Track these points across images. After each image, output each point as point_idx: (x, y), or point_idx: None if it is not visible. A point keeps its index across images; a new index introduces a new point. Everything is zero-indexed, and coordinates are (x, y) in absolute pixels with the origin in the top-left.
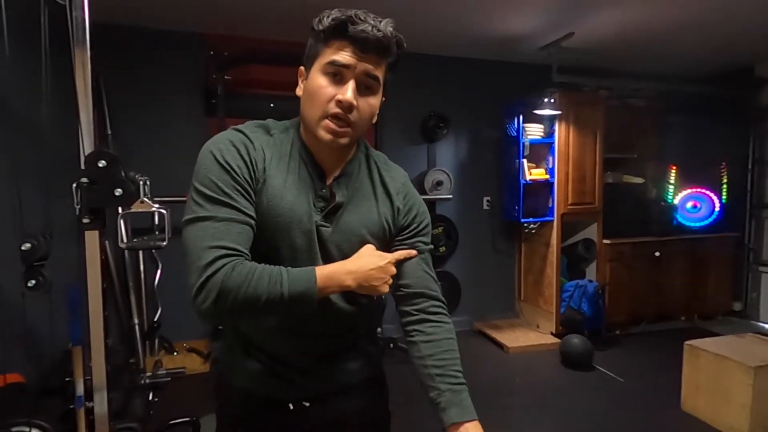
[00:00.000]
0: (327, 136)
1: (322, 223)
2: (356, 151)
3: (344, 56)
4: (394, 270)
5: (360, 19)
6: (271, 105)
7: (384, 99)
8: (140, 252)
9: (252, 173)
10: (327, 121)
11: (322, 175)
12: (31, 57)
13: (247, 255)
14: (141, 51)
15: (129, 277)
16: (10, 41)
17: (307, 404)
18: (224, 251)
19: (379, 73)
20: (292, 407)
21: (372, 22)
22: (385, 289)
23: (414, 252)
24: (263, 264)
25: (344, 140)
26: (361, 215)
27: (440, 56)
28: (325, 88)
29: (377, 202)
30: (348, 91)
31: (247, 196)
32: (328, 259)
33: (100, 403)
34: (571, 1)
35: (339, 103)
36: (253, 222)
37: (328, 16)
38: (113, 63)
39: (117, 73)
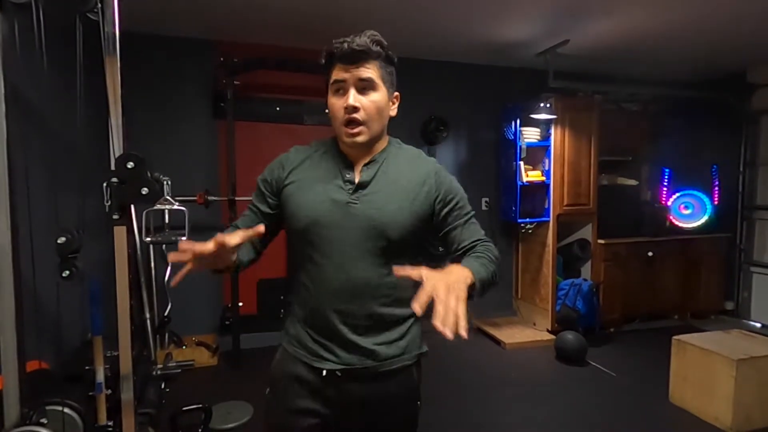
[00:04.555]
0: (348, 138)
1: (351, 200)
2: (387, 145)
3: (338, 74)
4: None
5: (339, 42)
6: (277, 108)
7: (397, 93)
8: (151, 248)
9: (280, 176)
10: (344, 128)
11: (349, 165)
12: (63, 67)
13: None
14: (154, 57)
15: (141, 273)
16: (47, 54)
17: (339, 374)
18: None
19: (372, 74)
20: (340, 374)
21: (349, 39)
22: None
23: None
24: None
25: (361, 138)
26: (387, 192)
27: (441, 61)
28: (336, 103)
29: (404, 180)
30: (350, 98)
31: (265, 199)
32: (359, 230)
33: (127, 390)
34: (566, 10)
35: (346, 109)
36: (260, 214)
37: (323, 52)
38: (127, 68)
39: (130, 77)
